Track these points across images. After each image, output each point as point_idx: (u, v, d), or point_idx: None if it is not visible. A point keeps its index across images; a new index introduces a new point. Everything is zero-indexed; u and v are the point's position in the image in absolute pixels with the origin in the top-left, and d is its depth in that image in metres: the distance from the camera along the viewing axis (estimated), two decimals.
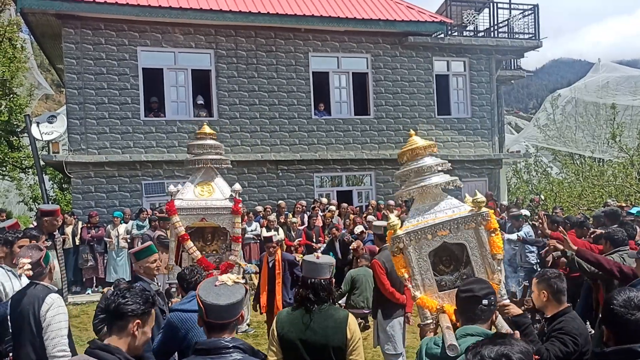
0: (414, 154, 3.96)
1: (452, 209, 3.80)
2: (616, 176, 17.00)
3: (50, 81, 33.04)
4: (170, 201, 5.76)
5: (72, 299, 10.67)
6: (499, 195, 15.77)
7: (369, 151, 14.83)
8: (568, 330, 3.36)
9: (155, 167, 13.28)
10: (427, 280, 3.66)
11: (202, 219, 5.73)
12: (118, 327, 2.51)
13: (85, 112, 12.84)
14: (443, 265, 3.87)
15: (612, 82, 24.08)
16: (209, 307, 2.47)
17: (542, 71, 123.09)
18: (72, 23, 12.72)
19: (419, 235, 3.66)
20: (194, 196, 5.81)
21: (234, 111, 13.89)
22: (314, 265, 3.42)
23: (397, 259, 3.74)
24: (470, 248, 3.69)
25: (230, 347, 2.41)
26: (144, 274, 4.29)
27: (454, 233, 3.68)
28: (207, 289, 2.55)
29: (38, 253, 3.89)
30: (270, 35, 14.11)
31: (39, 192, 17.34)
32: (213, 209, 5.71)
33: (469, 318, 2.82)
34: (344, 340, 3.24)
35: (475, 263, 3.69)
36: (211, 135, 6.12)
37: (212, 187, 5.90)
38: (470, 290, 2.86)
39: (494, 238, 3.68)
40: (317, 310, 3.29)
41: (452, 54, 15.71)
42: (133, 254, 4.28)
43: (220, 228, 5.85)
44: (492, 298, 2.85)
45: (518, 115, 53.10)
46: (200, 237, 6.01)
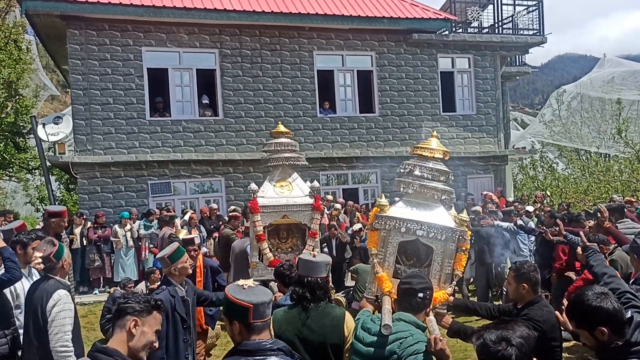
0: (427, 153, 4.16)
1: (437, 215, 4.03)
2: (622, 171, 16.94)
3: (55, 82, 33.17)
4: (253, 199, 5.86)
5: (79, 299, 10.70)
6: (505, 192, 15.73)
7: (375, 149, 14.82)
8: (531, 316, 3.51)
9: (161, 167, 13.32)
10: (387, 262, 3.93)
11: (284, 216, 5.86)
12: (118, 326, 2.55)
13: (90, 113, 12.88)
14: (405, 258, 4.10)
15: (618, 77, 23.93)
16: (257, 306, 2.43)
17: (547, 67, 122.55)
18: (76, 24, 12.76)
19: (398, 223, 3.91)
20: (274, 194, 5.92)
21: (239, 110, 13.91)
22: (311, 264, 3.45)
23: (372, 234, 4.02)
24: (435, 254, 3.91)
25: (274, 348, 2.41)
26: (177, 276, 4.23)
27: (429, 236, 3.91)
28: (243, 292, 2.49)
29: (51, 247, 3.98)
30: (274, 34, 14.11)
31: (46, 193, 17.42)
32: (294, 206, 5.84)
33: (405, 307, 3.11)
34: (341, 338, 3.28)
35: (435, 269, 3.92)
36: (286, 133, 6.22)
37: (291, 184, 6.04)
38: (409, 283, 3.15)
39: (461, 255, 3.95)
40: (313, 309, 3.33)
41: (456, 51, 15.67)
42: (167, 257, 4.21)
43: (294, 225, 5.96)
44: (428, 293, 3.15)
45: (523, 111, 52.93)
46: (276, 235, 6.11)
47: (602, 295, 2.66)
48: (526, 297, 3.69)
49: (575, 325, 2.70)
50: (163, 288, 4.13)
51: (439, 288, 3.87)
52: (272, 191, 5.95)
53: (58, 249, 4.00)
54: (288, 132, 6.28)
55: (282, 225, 6.07)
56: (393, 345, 2.89)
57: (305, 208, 5.83)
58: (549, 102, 25.68)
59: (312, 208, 5.84)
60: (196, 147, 13.57)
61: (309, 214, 5.85)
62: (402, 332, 2.93)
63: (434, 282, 3.80)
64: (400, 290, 3.20)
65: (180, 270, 4.24)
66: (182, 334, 4.07)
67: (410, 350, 2.83)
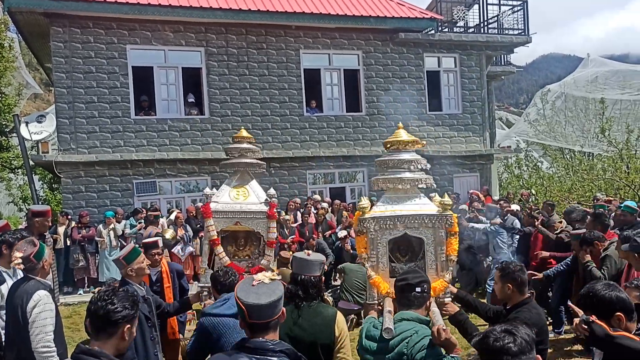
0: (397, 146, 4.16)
1: (420, 205, 4.01)
2: (605, 170, 17.13)
3: (38, 80, 32.76)
4: (205, 204, 5.73)
5: (63, 300, 10.60)
6: (491, 190, 15.84)
7: (362, 148, 14.84)
8: (522, 318, 3.46)
9: (146, 166, 13.21)
10: (381, 264, 3.89)
11: (237, 223, 5.71)
12: (108, 333, 2.49)
13: (74, 111, 12.74)
14: (400, 254, 4.09)
15: (601, 76, 24.23)
16: (251, 308, 2.39)
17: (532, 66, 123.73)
18: (60, 21, 12.60)
19: (384, 221, 3.88)
20: (229, 199, 5.78)
21: (225, 109, 13.84)
22: (305, 262, 3.47)
23: (359, 239, 3.98)
24: (427, 244, 3.90)
25: (277, 350, 2.37)
26: (135, 277, 4.23)
27: (416, 228, 3.89)
28: (246, 290, 2.47)
29: (31, 248, 3.93)
30: (261, 33, 14.06)
31: (29, 192, 17.19)
32: (248, 213, 5.68)
33: (404, 304, 3.08)
34: (332, 338, 3.28)
35: (429, 259, 3.91)
36: (248, 139, 6.11)
37: (248, 190, 5.90)
38: (404, 279, 3.12)
39: (451, 240, 3.92)
40: (305, 307, 3.33)
41: (442, 50, 15.74)
42: (123, 258, 4.19)
43: (252, 233, 5.80)
44: (425, 286, 3.10)
45: (509, 110, 53.40)
46: (234, 242, 5.98)
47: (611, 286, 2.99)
48: (513, 298, 3.65)
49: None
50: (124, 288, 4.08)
51: (437, 277, 3.83)
52: (227, 196, 5.81)
53: (38, 249, 3.95)
54: (250, 138, 6.16)
55: (240, 233, 5.91)
56: (401, 346, 2.87)
57: (258, 216, 5.66)
58: (534, 101, 25.94)
59: (267, 216, 5.67)
60: (182, 146, 13.48)
61: (263, 222, 5.67)
62: (407, 331, 2.90)
63: (431, 273, 3.81)
64: (397, 287, 3.16)
65: (137, 271, 4.21)
66: (148, 332, 4.05)
67: (418, 346, 2.82)
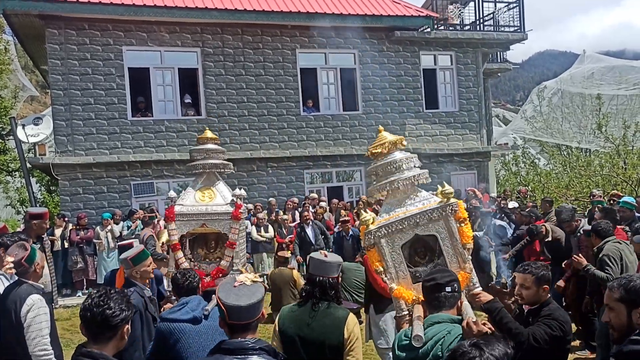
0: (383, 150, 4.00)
1: (422, 201, 3.86)
2: (603, 166, 17.15)
3: (35, 83, 32.70)
4: (169, 207, 5.65)
5: (62, 302, 10.58)
6: (488, 188, 15.86)
7: (359, 147, 14.84)
8: (556, 316, 3.41)
9: (143, 167, 13.20)
10: (401, 272, 3.73)
11: (203, 225, 5.62)
12: (107, 337, 2.49)
13: (71, 114, 12.72)
14: (418, 257, 3.95)
15: (597, 72, 24.29)
16: (231, 309, 2.44)
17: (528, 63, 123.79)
18: (55, 24, 12.59)
19: (390, 229, 3.73)
20: (194, 201, 5.70)
21: (222, 109, 13.84)
22: (322, 264, 3.41)
23: (371, 253, 3.81)
24: (441, 239, 3.76)
25: (256, 348, 2.40)
26: (139, 279, 4.22)
27: (425, 225, 3.75)
28: (227, 291, 2.51)
29: (22, 252, 3.92)
30: (257, 33, 14.06)
31: (27, 195, 17.17)
32: (213, 214, 5.59)
33: (435, 306, 2.94)
34: (341, 339, 3.23)
35: (447, 253, 3.75)
36: (213, 139, 6.03)
37: (214, 192, 5.80)
38: (433, 279, 2.97)
39: (463, 228, 3.75)
40: (318, 309, 3.30)
41: (438, 48, 15.75)
42: (130, 259, 4.16)
43: (223, 235, 5.72)
44: (455, 285, 2.97)
45: (505, 107, 53.47)
46: (204, 244, 5.91)
47: None
48: (542, 297, 3.56)
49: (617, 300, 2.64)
50: (131, 290, 4.04)
51: (460, 270, 3.68)
52: (192, 198, 5.72)
53: (30, 253, 3.94)
54: (215, 138, 6.08)
55: (211, 235, 5.85)
56: (435, 350, 2.77)
57: (224, 217, 5.57)
58: (530, 98, 25.98)
59: (231, 217, 5.58)
60: (179, 147, 13.47)
61: (228, 222, 5.58)
62: (440, 333, 2.80)
63: (454, 268, 3.66)
64: (425, 289, 3.02)
65: (141, 273, 4.19)
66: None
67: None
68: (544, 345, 3.30)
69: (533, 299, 3.56)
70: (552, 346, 3.34)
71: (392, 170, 3.91)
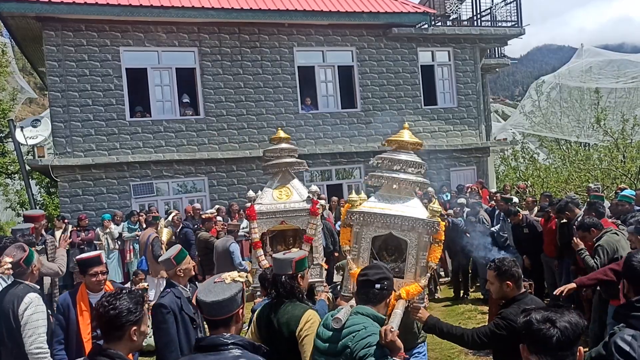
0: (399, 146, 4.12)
1: (410, 207, 3.96)
2: (602, 160, 17.14)
3: (32, 85, 32.66)
4: (250, 206, 5.84)
5: None
6: (488, 183, 15.88)
7: (358, 144, 14.85)
8: (505, 315, 3.48)
9: (142, 168, 13.21)
10: (362, 258, 3.90)
11: (282, 222, 5.83)
12: (116, 337, 2.52)
13: (69, 115, 12.72)
14: (386, 253, 4.10)
15: (595, 66, 24.24)
16: (198, 304, 2.57)
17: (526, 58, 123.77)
18: (52, 25, 12.57)
19: (370, 218, 3.88)
20: (272, 200, 5.89)
21: (220, 109, 13.83)
22: (276, 262, 3.61)
23: (344, 231, 4.01)
24: (410, 247, 3.86)
25: (229, 343, 2.43)
26: (182, 278, 4.17)
27: (402, 229, 3.85)
28: (204, 286, 2.63)
29: (21, 253, 3.95)
30: (254, 31, 14.05)
31: (26, 197, 17.16)
32: (292, 211, 5.81)
33: (363, 299, 3.07)
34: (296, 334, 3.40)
35: (409, 262, 3.87)
36: (286, 139, 6.27)
37: (290, 189, 6.02)
38: (365, 275, 3.10)
39: (435, 247, 3.86)
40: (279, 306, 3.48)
41: (436, 44, 15.74)
42: (173, 258, 4.16)
43: (301, 231, 5.91)
44: (385, 283, 3.07)
45: (504, 103, 53.45)
46: (282, 241, 6.12)
47: None
48: (510, 293, 3.59)
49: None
50: (168, 291, 4.09)
51: (414, 281, 3.82)
52: (270, 197, 5.93)
53: (28, 254, 3.98)
54: (288, 138, 6.35)
55: (289, 232, 6.07)
56: (346, 340, 2.90)
57: (302, 213, 5.80)
58: (529, 93, 25.92)
59: (309, 213, 5.80)
60: (178, 147, 13.48)
61: (306, 218, 5.80)
62: (356, 326, 2.92)
63: (409, 276, 3.80)
64: (357, 282, 3.18)
65: (184, 271, 4.21)
66: (193, 333, 4.06)
67: (363, 343, 2.83)
68: (488, 343, 3.49)
69: (498, 294, 3.65)
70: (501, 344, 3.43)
71: (396, 168, 4.00)
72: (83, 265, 4.42)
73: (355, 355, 2.82)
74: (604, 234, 5.73)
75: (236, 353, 2.41)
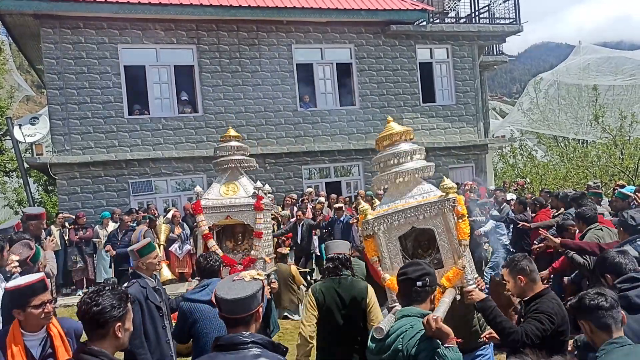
0: (391, 140, 4.02)
1: (422, 194, 3.84)
2: (600, 157, 17.21)
3: (30, 82, 32.58)
4: (196, 200, 5.96)
5: (62, 301, 10.59)
6: (486, 180, 15.88)
7: (356, 141, 14.85)
8: (543, 309, 3.40)
9: (141, 165, 13.19)
10: (395, 263, 3.73)
11: (228, 217, 5.90)
12: (100, 334, 2.47)
13: (67, 113, 12.69)
14: (421, 249, 4.01)
15: (593, 63, 24.25)
16: (218, 301, 2.52)
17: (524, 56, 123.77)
18: (50, 23, 12.54)
19: (388, 220, 3.74)
20: (218, 195, 6.00)
21: (218, 106, 13.82)
22: (332, 244, 4.37)
23: (368, 243, 3.87)
24: (438, 233, 3.74)
25: (248, 342, 2.41)
26: (145, 271, 4.31)
27: (423, 218, 3.72)
28: (223, 284, 2.61)
29: (27, 251, 3.94)
30: (252, 29, 14.03)
31: (24, 195, 17.14)
32: (236, 207, 5.90)
33: (406, 300, 3.00)
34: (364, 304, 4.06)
35: (443, 248, 3.73)
36: (236, 137, 6.36)
37: (237, 186, 6.11)
38: (404, 274, 3.01)
39: (460, 224, 3.72)
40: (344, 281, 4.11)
41: (434, 42, 15.73)
42: (136, 251, 4.30)
43: (249, 227, 6.01)
44: (427, 279, 2.96)
45: (502, 100, 53.44)
46: (232, 237, 6.21)
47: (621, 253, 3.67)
48: (528, 290, 3.54)
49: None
50: (133, 281, 4.21)
51: (454, 266, 3.67)
52: (217, 193, 6.04)
53: (35, 252, 3.96)
54: (238, 136, 6.48)
55: (237, 228, 6.19)
56: (396, 343, 2.82)
57: (246, 208, 5.88)
58: (527, 90, 25.94)
59: (254, 208, 5.90)
60: (176, 145, 13.46)
61: (251, 213, 5.89)
62: (404, 327, 2.84)
63: (448, 262, 3.66)
64: (398, 282, 3.10)
65: (147, 265, 4.31)
66: (159, 321, 4.18)
67: (413, 342, 2.75)
68: (537, 342, 3.31)
69: (517, 291, 3.61)
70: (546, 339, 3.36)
71: (397, 162, 3.91)
72: (22, 296, 3.13)
73: (408, 354, 2.74)
74: (588, 231, 5.82)
75: (256, 352, 2.39)
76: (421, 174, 3.92)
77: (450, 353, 2.63)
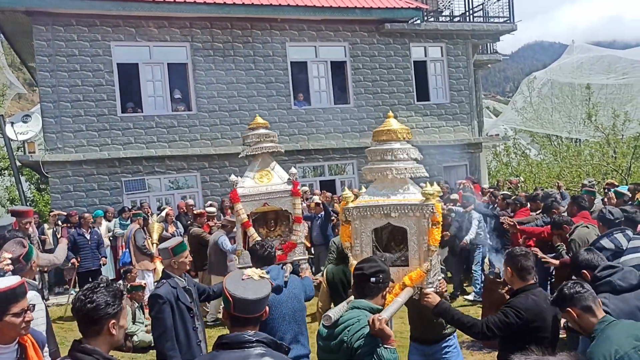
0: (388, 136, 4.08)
1: (404, 194, 3.95)
2: (593, 155, 17.28)
3: (22, 80, 32.35)
4: (232, 190, 5.96)
5: (55, 300, 10.54)
6: (480, 179, 15.92)
7: (350, 140, 14.84)
8: (514, 304, 3.51)
9: (134, 164, 13.12)
10: (365, 253, 3.87)
11: (265, 204, 5.94)
12: (94, 331, 2.45)
13: (60, 111, 12.60)
14: (394, 243, 4.08)
15: (586, 62, 24.30)
16: (237, 301, 2.47)
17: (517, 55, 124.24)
18: (42, 20, 12.44)
19: (366, 211, 3.89)
20: (254, 183, 6.03)
21: (212, 104, 13.77)
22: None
23: (344, 228, 4.00)
24: (410, 234, 3.85)
25: (253, 341, 2.41)
26: (176, 270, 4.25)
27: (399, 217, 3.85)
28: (235, 283, 2.56)
29: (20, 249, 3.88)
30: (246, 26, 13.97)
31: (16, 193, 17.03)
32: (274, 193, 5.93)
33: (359, 293, 3.12)
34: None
35: (412, 249, 3.84)
36: (264, 125, 6.35)
37: (270, 173, 6.14)
38: (360, 269, 3.14)
39: (433, 230, 3.82)
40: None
41: (429, 40, 15.74)
42: (170, 249, 4.22)
43: (281, 213, 6.08)
44: (380, 276, 3.10)
45: (496, 99, 53.64)
46: (264, 224, 6.24)
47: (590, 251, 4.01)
48: (515, 283, 3.68)
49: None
50: (163, 282, 4.16)
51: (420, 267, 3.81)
52: (251, 181, 6.07)
53: (28, 250, 3.91)
54: (265, 124, 6.44)
55: (270, 215, 6.21)
56: (342, 335, 2.94)
57: (283, 194, 5.92)
58: (520, 89, 25.99)
59: (291, 194, 5.92)
60: (170, 143, 13.40)
61: (288, 199, 5.93)
62: (351, 319, 2.95)
63: (414, 262, 3.78)
64: (353, 276, 3.21)
65: (179, 264, 4.26)
66: (190, 322, 4.12)
67: (357, 335, 2.86)
68: (499, 333, 3.48)
69: (505, 277, 3.81)
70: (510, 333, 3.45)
71: (387, 158, 3.98)
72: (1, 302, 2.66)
73: (351, 347, 2.86)
74: (576, 229, 5.98)
75: (260, 351, 2.40)
76: (411, 174, 4.00)
77: (387, 353, 2.76)
